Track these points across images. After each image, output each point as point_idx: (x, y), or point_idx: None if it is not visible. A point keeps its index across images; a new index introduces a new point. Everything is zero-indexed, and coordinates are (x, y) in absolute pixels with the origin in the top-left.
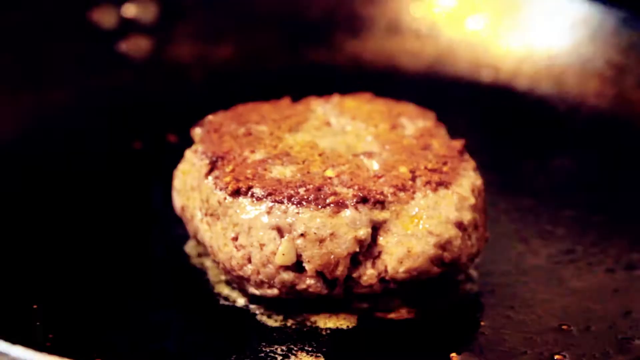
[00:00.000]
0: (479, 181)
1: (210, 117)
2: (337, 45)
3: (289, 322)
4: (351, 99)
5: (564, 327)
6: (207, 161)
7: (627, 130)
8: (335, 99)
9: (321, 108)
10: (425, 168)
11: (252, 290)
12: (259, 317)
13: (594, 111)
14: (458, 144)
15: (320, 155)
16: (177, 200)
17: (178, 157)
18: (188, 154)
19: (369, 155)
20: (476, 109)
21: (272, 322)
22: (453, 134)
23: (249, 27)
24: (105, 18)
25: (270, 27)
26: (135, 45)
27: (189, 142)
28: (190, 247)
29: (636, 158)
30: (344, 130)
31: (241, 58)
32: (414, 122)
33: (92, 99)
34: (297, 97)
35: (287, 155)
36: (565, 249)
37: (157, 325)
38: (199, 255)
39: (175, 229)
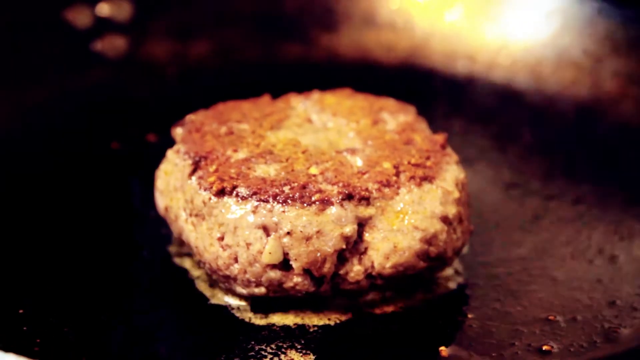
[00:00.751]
0: (462, 175)
1: (191, 116)
2: (312, 40)
3: (276, 321)
4: (331, 95)
5: (550, 317)
6: (190, 161)
7: (604, 119)
8: (315, 95)
9: (302, 105)
10: (409, 163)
11: (239, 289)
12: (245, 317)
13: (571, 101)
14: (440, 138)
15: (303, 152)
16: (160, 201)
17: (157, 157)
18: (170, 154)
19: (352, 151)
20: (452, 101)
21: (259, 320)
22: (431, 127)
23: (224, 23)
24: (79, 17)
25: (245, 23)
26: (111, 44)
27: (168, 141)
28: (173, 248)
29: (614, 148)
30: (326, 126)
31: (216, 55)
32: (395, 116)
33: (68, 99)
34: (274, 93)
35: (270, 153)
36: (548, 240)
37: (144, 327)
38: (182, 255)
39: (158, 229)
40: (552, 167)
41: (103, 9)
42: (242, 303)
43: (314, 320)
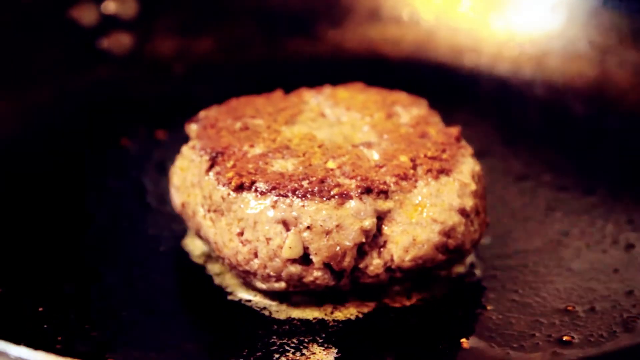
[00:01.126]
0: (477, 167)
1: (204, 112)
2: (318, 35)
3: (296, 315)
4: (343, 89)
5: (569, 308)
6: (207, 157)
7: (612, 110)
8: (328, 89)
9: (314, 99)
10: (425, 156)
11: (259, 284)
12: (265, 312)
13: (578, 92)
14: (454, 130)
15: (319, 147)
16: (177, 197)
17: (166, 153)
18: (185, 150)
19: (369, 145)
20: (459, 94)
21: (279, 315)
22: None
23: (229, 19)
24: (85, 15)
25: (250, 19)
26: (116, 42)
27: (176, 137)
28: (189, 244)
29: (622, 138)
30: (340, 120)
31: (222, 50)
32: (408, 110)
33: (74, 96)
34: (280, 88)
35: (287, 148)
36: (562, 231)
37: (166, 323)
38: (200, 251)
39: (172, 225)
40: (561, 159)
41: (109, 7)
42: (261, 298)
43: (334, 315)
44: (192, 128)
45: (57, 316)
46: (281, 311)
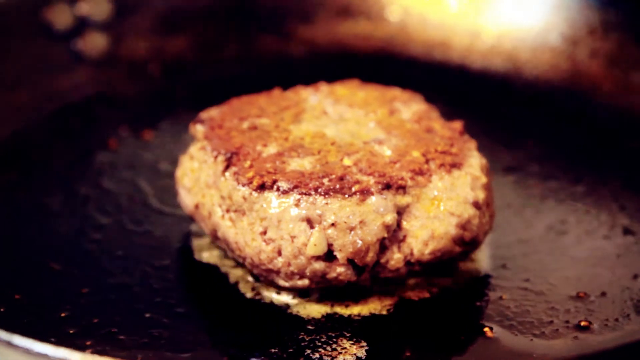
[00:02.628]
0: (484, 160)
1: (206, 113)
2: (289, 32)
3: (316, 311)
4: (341, 86)
5: (580, 294)
6: (223, 158)
7: (586, 101)
8: (325, 87)
9: (313, 97)
10: (436, 151)
11: (282, 282)
12: (286, 309)
13: (550, 85)
14: (458, 125)
15: (332, 144)
16: (188, 199)
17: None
18: (194, 151)
19: (380, 141)
20: (431, 88)
21: (300, 312)
22: None
23: (202, 18)
24: (58, 17)
25: (222, 17)
26: (91, 43)
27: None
28: (199, 244)
29: (599, 128)
30: (343, 118)
31: (196, 50)
32: (409, 105)
33: (55, 99)
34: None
35: (301, 147)
36: (560, 219)
37: (190, 324)
38: (212, 251)
39: (179, 225)
40: (543, 150)
41: (82, 8)
42: (279, 296)
43: (354, 309)
44: (199, 129)
45: (80, 321)
46: (301, 308)
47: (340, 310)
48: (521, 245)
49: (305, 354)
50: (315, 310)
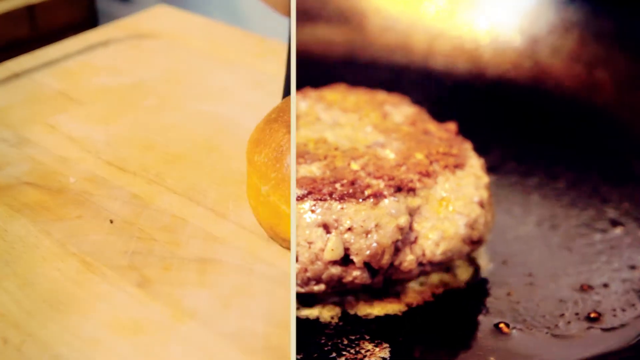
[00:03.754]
0: (481, 160)
1: None
2: None
3: (329, 314)
4: (329, 91)
5: (584, 287)
6: None
7: (550, 98)
8: (312, 92)
9: (302, 103)
10: (438, 152)
11: (297, 288)
12: (301, 315)
13: (514, 84)
14: (452, 126)
15: (336, 149)
16: None
17: None
18: None
19: (382, 145)
20: (394, 91)
21: (311, 317)
22: None
23: None
24: None
25: None
26: None
27: None
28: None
29: (566, 125)
30: (338, 122)
31: None
32: (399, 108)
33: None
34: None
35: (307, 153)
36: (547, 215)
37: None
38: None
39: None
40: (516, 149)
41: None
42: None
43: (369, 311)
44: None
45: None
46: (314, 312)
47: (358, 312)
48: (517, 242)
49: (330, 357)
50: (326, 313)
